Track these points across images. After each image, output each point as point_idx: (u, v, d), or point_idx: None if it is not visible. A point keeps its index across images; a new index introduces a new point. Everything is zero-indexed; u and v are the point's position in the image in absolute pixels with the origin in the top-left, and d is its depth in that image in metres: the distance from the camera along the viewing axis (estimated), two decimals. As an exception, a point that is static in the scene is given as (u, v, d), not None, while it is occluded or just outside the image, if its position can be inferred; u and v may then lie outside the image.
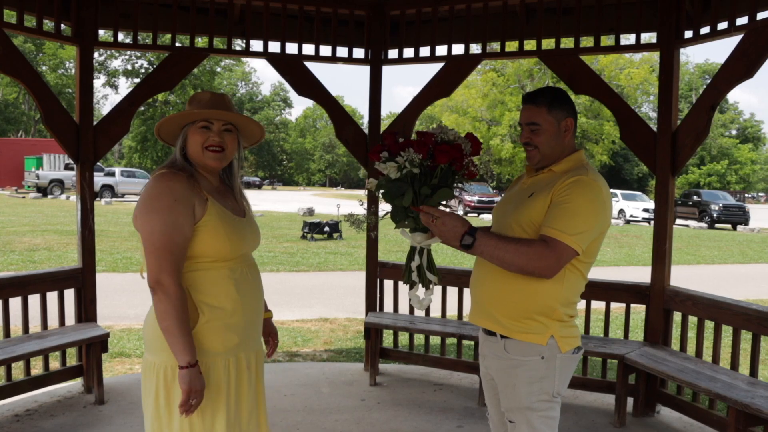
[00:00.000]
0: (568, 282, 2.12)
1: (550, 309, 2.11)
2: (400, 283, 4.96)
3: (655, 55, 4.52)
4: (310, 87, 4.88)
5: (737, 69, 3.76)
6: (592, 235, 2.06)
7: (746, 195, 48.95)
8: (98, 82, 48.87)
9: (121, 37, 4.66)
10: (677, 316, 4.27)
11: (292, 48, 4.82)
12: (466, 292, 3.08)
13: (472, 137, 2.17)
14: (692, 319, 4.16)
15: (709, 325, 4.05)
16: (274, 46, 4.80)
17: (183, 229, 1.96)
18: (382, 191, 2.13)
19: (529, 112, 2.21)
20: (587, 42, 4.57)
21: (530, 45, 4.72)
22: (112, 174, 31.67)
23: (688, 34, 4.12)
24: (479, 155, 2.18)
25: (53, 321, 4.40)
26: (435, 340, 5.11)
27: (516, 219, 2.16)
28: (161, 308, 1.93)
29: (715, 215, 26.30)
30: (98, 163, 7.41)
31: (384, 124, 5.08)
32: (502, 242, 2.05)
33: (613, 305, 4.59)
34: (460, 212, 27.74)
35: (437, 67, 4.85)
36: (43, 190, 30.91)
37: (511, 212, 2.21)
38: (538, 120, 2.19)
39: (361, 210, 2.57)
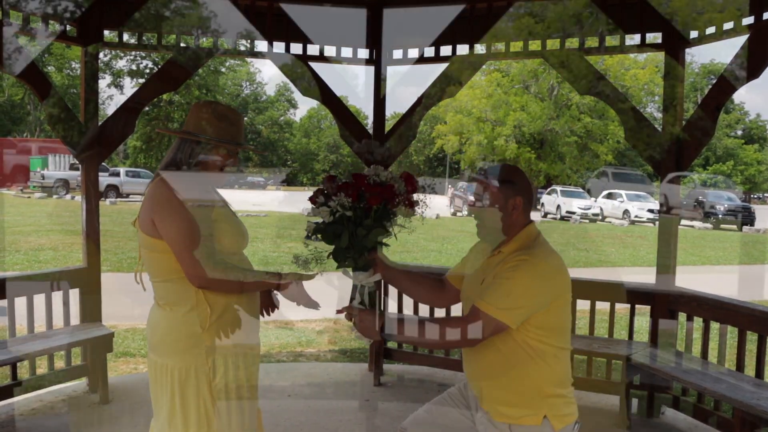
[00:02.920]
0: (548, 363, 2.15)
1: (539, 390, 2.15)
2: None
3: (661, 56, 4.52)
4: (314, 87, 4.88)
5: (743, 69, 3.75)
6: (529, 311, 2.08)
7: (752, 195, 48.73)
8: (103, 82, 49.05)
9: (126, 37, 4.68)
10: (682, 317, 4.26)
11: (296, 48, 4.83)
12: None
13: (408, 176, 2.18)
14: (697, 320, 4.15)
15: (715, 326, 4.03)
16: (279, 47, 4.81)
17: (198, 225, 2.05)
18: (318, 235, 2.15)
19: (479, 187, 2.25)
20: (592, 42, 4.55)
21: (535, 45, 4.72)
22: (117, 174, 31.75)
23: (694, 34, 4.11)
24: (416, 191, 2.20)
25: (58, 321, 4.41)
26: (439, 341, 5.10)
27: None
28: (224, 292, 2.07)
29: (720, 216, 26.21)
30: (103, 163, 7.42)
31: (389, 125, 5.08)
32: (422, 328, 2.12)
33: (618, 306, 4.57)
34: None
35: (442, 67, 4.84)
36: (48, 190, 31.00)
37: (472, 298, 2.21)
38: (486, 195, 2.22)
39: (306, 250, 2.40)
